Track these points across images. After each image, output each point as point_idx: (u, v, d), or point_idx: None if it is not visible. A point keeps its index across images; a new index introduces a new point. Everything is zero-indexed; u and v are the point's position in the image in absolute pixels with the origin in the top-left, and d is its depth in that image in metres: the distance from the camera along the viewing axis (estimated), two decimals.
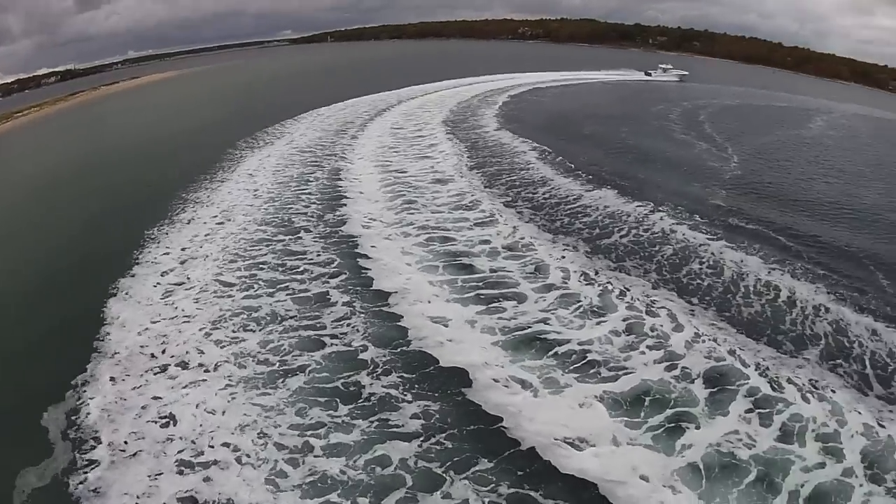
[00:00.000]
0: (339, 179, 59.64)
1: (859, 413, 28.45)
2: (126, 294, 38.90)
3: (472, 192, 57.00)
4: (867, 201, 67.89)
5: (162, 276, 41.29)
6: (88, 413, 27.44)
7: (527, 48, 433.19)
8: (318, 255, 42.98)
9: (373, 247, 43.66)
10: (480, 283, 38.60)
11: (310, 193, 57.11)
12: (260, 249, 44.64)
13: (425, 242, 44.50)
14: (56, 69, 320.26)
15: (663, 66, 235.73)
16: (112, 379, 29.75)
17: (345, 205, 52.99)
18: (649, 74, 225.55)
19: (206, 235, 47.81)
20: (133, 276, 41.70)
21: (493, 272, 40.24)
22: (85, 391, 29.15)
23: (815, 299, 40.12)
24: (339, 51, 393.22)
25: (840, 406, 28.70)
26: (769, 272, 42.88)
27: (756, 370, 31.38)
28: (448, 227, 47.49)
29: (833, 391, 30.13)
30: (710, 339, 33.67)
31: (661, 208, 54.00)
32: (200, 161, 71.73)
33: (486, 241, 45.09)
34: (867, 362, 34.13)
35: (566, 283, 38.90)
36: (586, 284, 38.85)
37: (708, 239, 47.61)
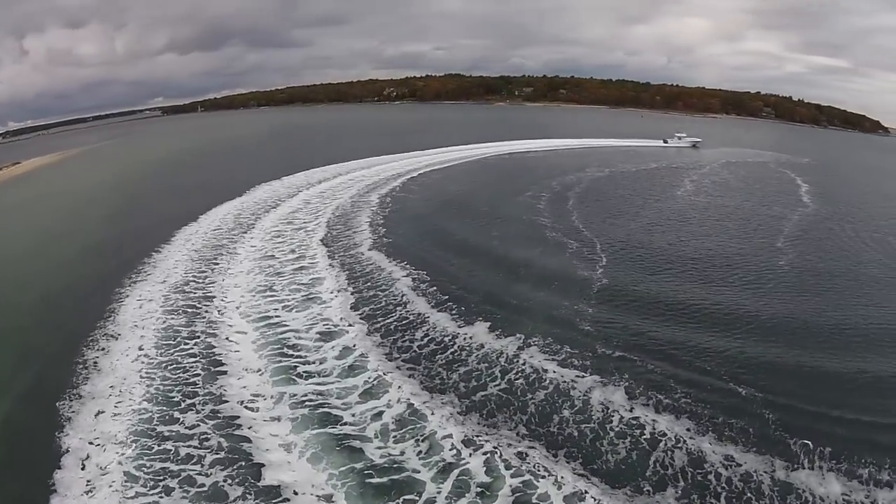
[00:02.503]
0: (215, 347, 57.41)
1: None
2: None
3: (357, 345, 57.56)
4: (732, 292, 74.85)
5: None
6: None
7: (394, 113, 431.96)
8: (204, 441, 42.96)
9: (254, 431, 43.99)
10: (372, 471, 39.97)
11: (189, 363, 54.42)
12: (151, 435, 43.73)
13: (313, 421, 45.27)
14: None
15: (679, 134, 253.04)
16: None
17: (225, 373, 52.30)
18: (666, 142, 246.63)
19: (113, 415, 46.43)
20: None
21: (384, 457, 41.30)
22: None
23: (675, 431, 44.76)
24: (209, 125, 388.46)
25: None
26: (632, 408, 47.57)
27: None
28: (335, 401, 48.11)
29: None
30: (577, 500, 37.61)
31: (532, 341, 57.80)
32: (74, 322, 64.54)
33: (378, 416, 45.99)
34: (723, 498, 39.00)
35: (458, 458, 41.10)
36: (471, 453, 41.50)
37: (577, 376, 51.70)
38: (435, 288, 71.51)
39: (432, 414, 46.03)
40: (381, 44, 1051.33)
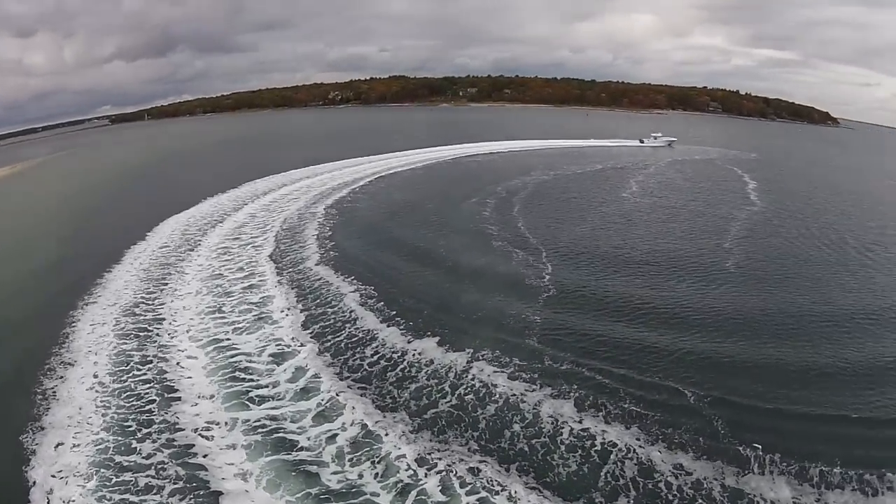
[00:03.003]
0: (167, 373, 57.21)
1: None
2: None
3: (309, 365, 57.91)
4: (678, 297, 76.21)
5: None
6: None
7: (338, 117, 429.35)
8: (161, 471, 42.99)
9: (210, 460, 44.11)
10: (330, 497, 40.56)
11: (143, 390, 54.31)
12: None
13: (268, 447, 45.47)
14: None
15: (655, 134, 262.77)
16: None
17: (179, 399, 52.25)
18: (643, 142, 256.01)
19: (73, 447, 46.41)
20: None
21: (342, 482, 41.82)
22: None
23: (625, 441, 45.87)
24: (154, 135, 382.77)
25: None
26: (581, 419, 48.64)
27: None
28: (290, 425, 48.37)
29: None
30: None
31: (481, 354, 58.65)
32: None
33: (333, 439, 46.47)
34: None
35: (415, 478, 41.92)
36: (427, 472, 42.36)
37: (526, 389, 52.73)
38: (383, 303, 71.90)
39: (386, 434, 46.66)
40: (326, 47, 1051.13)
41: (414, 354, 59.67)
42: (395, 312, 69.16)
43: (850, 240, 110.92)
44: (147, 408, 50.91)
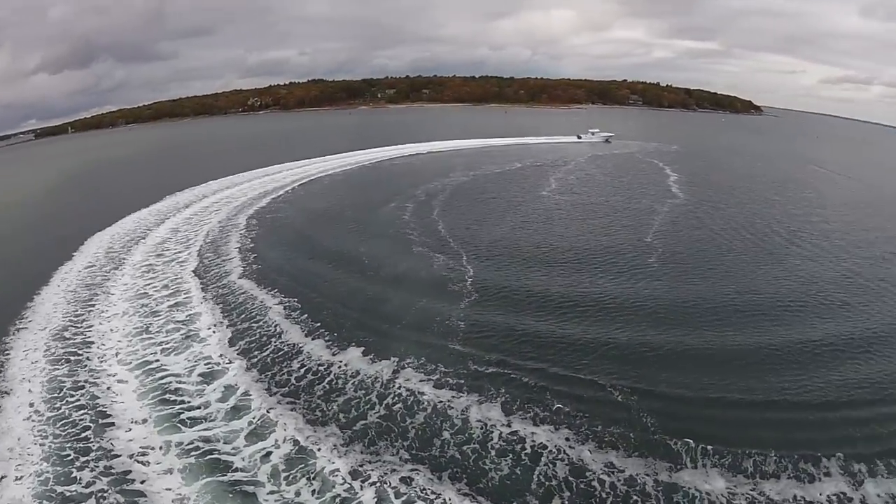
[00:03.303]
0: (99, 398, 56.59)
1: None
2: None
3: (238, 383, 58.21)
4: (602, 295, 77.71)
5: None
6: None
7: (258, 124, 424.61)
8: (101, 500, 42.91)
9: (149, 486, 44.16)
10: None
11: (78, 416, 53.65)
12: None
13: (203, 470, 45.58)
14: None
15: (592, 130, 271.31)
16: None
17: (113, 425, 51.93)
18: (580, 138, 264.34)
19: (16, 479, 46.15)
20: None
21: (279, 500, 42.47)
22: None
23: (555, 442, 47.48)
24: (78, 148, 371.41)
25: None
26: (510, 423, 49.95)
27: None
28: (224, 446, 48.55)
29: None
30: None
31: (406, 363, 59.85)
32: None
33: (267, 457, 47.01)
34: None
35: (351, 491, 42.89)
36: (361, 485, 43.44)
37: (453, 396, 53.98)
38: (307, 315, 72.59)
39: (319, 449, 47.53)
40: (245, 52, 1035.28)
41: (340, 366, 60.34)
42: (319, 324, 69.82)
43: (774, 228, 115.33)
44: (83, 435, 50.56)
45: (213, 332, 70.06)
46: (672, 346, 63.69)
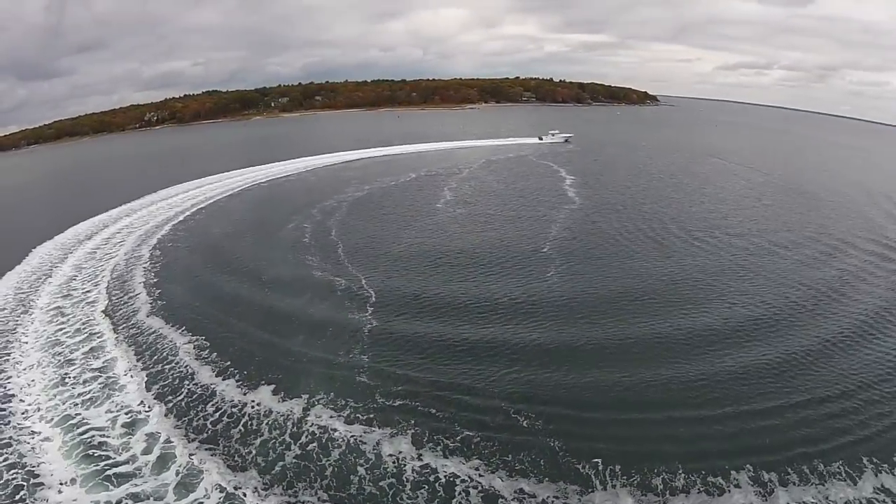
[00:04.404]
0: (26, 457, 56.11)
1: None
2: None
3: (160, 431, 58.67)
4: (503, 315, 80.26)
5: None
6: None
7: (156, 141, 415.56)
8: None
9: None
10: None
11: (9, 477, 53.15)
12: None
13: None
14: None
15: (552, 131, 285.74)
16: None
17: (43, 485, 51.78)
18: (542, 139, 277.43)
19: None
20: None
21: None
22: None
23: (467, 472, 50.32)
24: None
25: None
26: (421, 455, 52.28)
27: None
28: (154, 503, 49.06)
29: None
30: None
31: (316, 399, 61.71)
32: None
33: None
34: None
35: None
36: None
37: (364, 431, 55.98)
38: (215, 353, 73.49)
39: (245, 494, 49.42)
40: (141, 65, 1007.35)
41: (252, 406, 61.74)
42: (228, 363, 70.89)
43: (672, 229, 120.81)
44: (19, 496, 50.85)
45: (130, 377, 69.97)
46: (573, 364, 66.58)
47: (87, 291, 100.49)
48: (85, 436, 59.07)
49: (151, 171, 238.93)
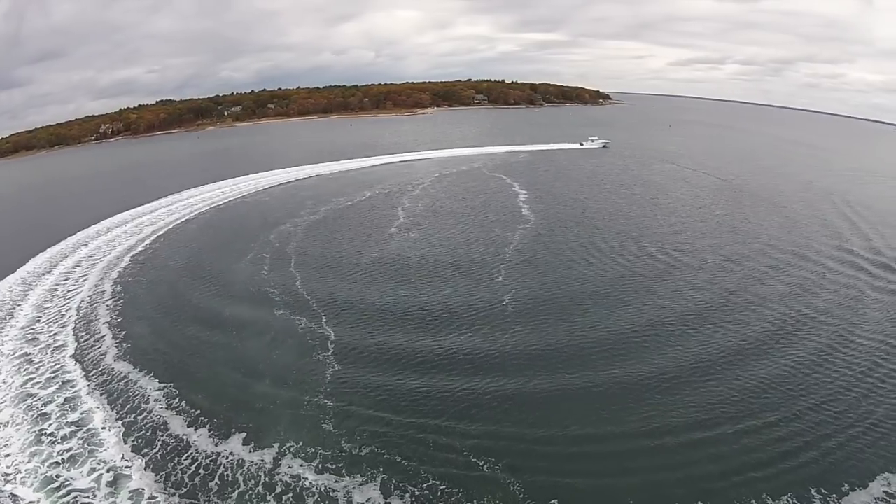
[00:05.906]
0: None
1: None
2: None
3: (143, 489, 59.70)
4: (463, 350, 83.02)
5: None
6: None
7: (110, 155, 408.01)
8: None
9: None
10: None
11: None
12: None
13: None
14: None
15: (592, 137, 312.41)
16: None
17: None
18: (582, 144, 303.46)
19: None
20: None
21: None
22: None
23: None
24: None
25: None
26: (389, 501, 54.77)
27: None
28: None
29: None
30: None
31: (286, 448, 63.53)
32: None
33: None
34: None
35: None
36: None
37: (335, 480, 58.24)
38: (185, 402, 74.44)
39: None
40: (96, 73, 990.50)
41: (226, 456, 63.45)
42: (199, 412, 71.99)
43: (628, 246, 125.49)
44: None
45: (109, 429, 70.09)
46: (534, 399, 70.06)
47: (55, 335, 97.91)
48: (68, 498, 59.48)
49: (107, 192, 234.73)
